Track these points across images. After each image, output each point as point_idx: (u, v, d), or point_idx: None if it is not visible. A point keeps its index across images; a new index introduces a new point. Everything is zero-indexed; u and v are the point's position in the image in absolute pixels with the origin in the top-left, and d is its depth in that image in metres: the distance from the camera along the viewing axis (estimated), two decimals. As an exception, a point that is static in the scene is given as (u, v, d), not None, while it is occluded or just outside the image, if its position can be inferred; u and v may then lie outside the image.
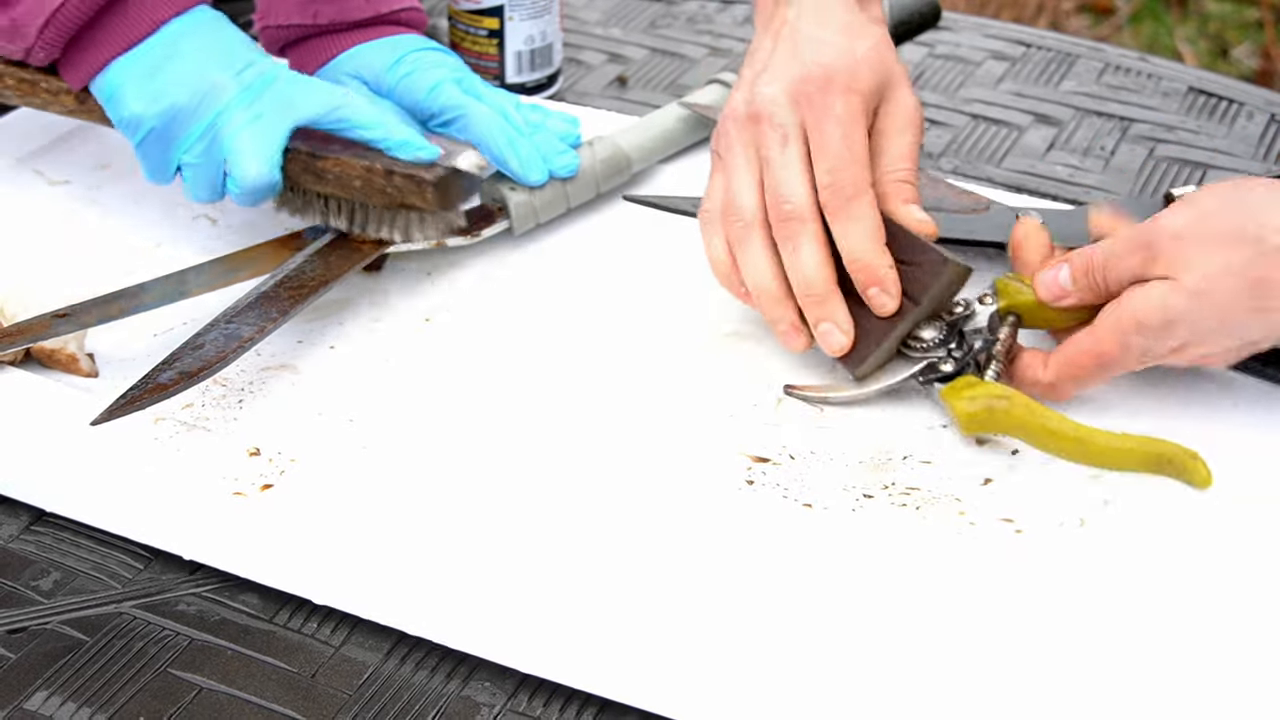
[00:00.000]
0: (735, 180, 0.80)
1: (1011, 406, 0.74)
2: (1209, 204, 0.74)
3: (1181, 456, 0.73)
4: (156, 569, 0.71)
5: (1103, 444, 0.74)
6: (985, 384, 0.75)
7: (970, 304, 0.78)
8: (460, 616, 0.67)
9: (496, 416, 0.78)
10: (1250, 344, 0.74)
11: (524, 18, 1.05)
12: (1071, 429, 0.74)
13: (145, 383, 0.75)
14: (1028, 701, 0.64)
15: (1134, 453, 0.73)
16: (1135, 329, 0.73)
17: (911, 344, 0.78)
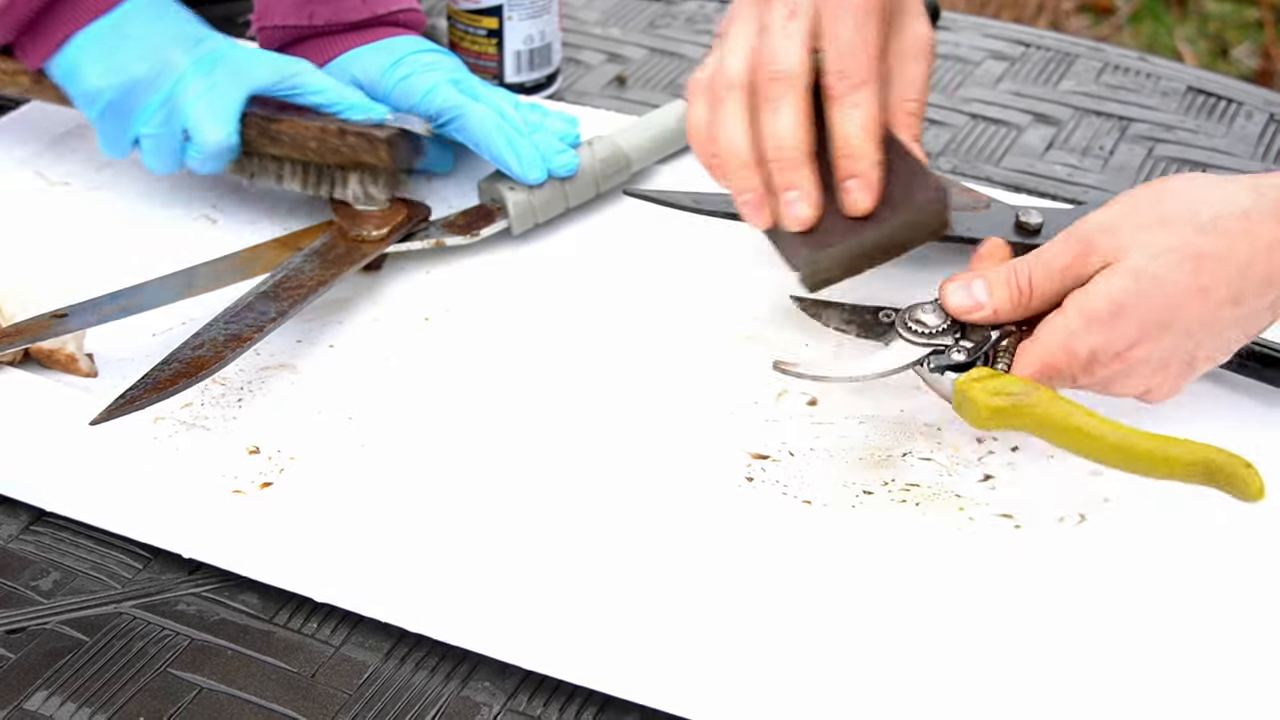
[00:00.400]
0: (730, 46, 0.77)
1: (1040, 403, 0.68)
2: (1136, 196, 0.72)
3: (1233, 465, 0.64)
4: (156, 569, 0.71)
5: (1142, 449, 0.65)
6: (1006, 377, 0.70)
7: None
8: (460, 613, 0.67)
9: (496, 414, 0.78)
10: (1193, 354, 0.71)
11: (523, 17, 1.05)
12: (1110, 431, 0.66)
13: (144, 382, 0.75)
14: (1028, 698, 0.64)
15: (1179, 461, 0.65)
16: (1083, 324, 0.69)
17: (913, 326, 0.74)
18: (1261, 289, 0.69)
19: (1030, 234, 0.88)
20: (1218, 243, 0.69)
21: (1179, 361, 0.71)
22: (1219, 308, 0.69)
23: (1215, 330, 0.70)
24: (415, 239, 0.89)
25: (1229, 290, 0.69)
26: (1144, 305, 0.69)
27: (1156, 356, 0.70)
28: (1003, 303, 0.72)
